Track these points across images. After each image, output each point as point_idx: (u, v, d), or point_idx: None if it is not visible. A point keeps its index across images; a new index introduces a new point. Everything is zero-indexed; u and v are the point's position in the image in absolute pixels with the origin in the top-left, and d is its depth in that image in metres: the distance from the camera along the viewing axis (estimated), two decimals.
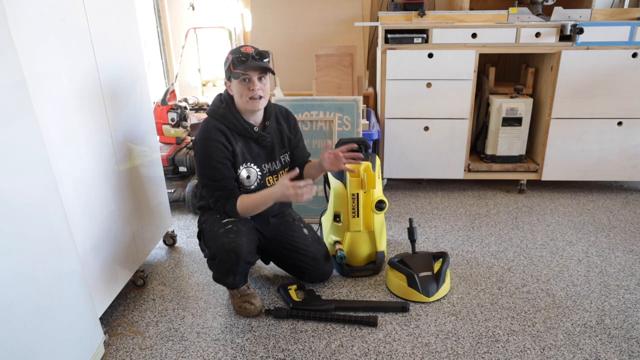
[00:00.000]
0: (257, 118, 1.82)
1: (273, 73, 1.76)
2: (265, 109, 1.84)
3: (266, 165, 1.87)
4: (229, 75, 1.72)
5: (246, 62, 1.67)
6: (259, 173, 1.84)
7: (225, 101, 1.78)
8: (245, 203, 1.75)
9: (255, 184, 1.84)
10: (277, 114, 1.91)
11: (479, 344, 1.66)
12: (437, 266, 1.99)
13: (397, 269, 1.95)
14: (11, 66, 1.19)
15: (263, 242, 1.93)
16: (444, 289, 1.92)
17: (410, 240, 2.06)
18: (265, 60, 1.71)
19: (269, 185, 1.88)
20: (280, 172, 1.92)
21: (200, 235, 1.89)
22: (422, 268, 1.94)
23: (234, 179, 1.78)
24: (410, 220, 2.08)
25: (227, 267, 1.73)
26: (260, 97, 1.72)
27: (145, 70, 2.10)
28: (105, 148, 1.75)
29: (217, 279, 1.83)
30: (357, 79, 2.90)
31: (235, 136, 1.77)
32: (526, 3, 2.92)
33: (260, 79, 1.70)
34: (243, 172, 1.81)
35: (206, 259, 1.82)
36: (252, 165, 1.82)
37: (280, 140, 1.91)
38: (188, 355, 1.65)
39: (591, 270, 2.10)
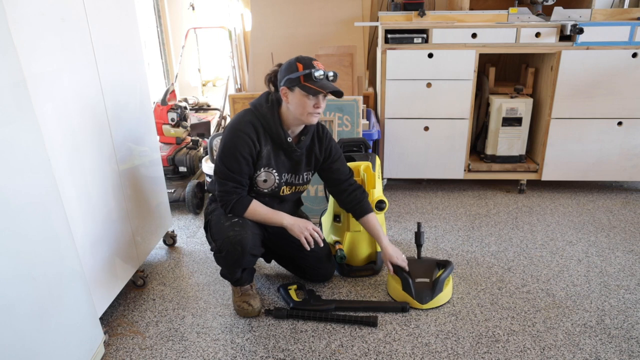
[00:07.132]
0: (295, 130, 1.80)
1: (341, 96, 1.73)
2: (306, 124, 1.82)
3: (286, 175, 1.84)
4: (296, 85, 1.66)
5: (321, 81, 1.67)
6: (277, 180, 1.82)
7: (271, 102, 1.76)
8: (258, 213, 1.76)
9: (270, 189, 1.82)
10: (315, 132, 1.87)
11: (479, 344, 1.66)
12: (439, 275, 1.93)
13: (395, 271, 1.93)
14: (11, 66, 1.19)
15: (267, 237, 1.92)
16: (441, 298, 1.86)
17: (416, 244, 2.01)
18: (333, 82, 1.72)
19: (282, 194, 1.87)
20: (298, 187, 1.90)
21: (207, 227, 1.89)
22: (421, 274, 1.90)
23: (248, 177, 1.77)
24: (419, 225, 2.01)
25: (233, 260, 1.73)
26: (318, 114, 1.74)
27: (145, 70, 2.10)
28: (105, 148, 1.75)
29: (224, 274, 1.84)
30: (357, 79, 2.90)
31: (266, 138, 1.76)
32: (526, 3, 2.92)
33: (324, 97, 1.71)
34: (262, 175, 1.78)
35: (212, 252, 1.82)
36: (273, 171, 1.80)
37: (308, 158, 1.88)
38: (188, 355, 1.65)
39: (591, 270, 2.10)
